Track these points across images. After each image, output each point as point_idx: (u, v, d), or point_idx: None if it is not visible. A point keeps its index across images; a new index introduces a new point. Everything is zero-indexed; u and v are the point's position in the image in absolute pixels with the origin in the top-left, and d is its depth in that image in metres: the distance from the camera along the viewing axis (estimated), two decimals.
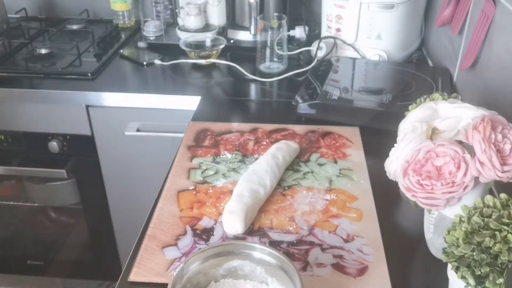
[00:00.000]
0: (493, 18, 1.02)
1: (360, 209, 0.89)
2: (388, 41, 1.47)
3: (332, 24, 1.52)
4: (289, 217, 0.88)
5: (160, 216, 0.88)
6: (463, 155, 0.66)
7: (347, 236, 0.83)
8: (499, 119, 0.68)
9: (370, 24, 1.45)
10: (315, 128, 1.14)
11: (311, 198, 0.92)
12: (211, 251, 0.70)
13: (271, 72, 1.50)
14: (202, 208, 0.90)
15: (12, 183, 1.75)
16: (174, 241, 0.83)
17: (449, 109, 0.73)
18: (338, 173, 0.99)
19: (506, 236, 0.57)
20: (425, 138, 0.71)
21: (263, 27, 1.48)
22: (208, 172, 1.00)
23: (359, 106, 1.22)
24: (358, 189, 0.94)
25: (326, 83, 1.30)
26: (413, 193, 0.68)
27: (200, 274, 0.69)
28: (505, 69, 0.97)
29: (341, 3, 1.46)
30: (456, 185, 0.65)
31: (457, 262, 0.59)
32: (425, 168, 0.67)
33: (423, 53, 1.62)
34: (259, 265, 0.70)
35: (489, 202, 0.62)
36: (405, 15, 1.44)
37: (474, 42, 1.11)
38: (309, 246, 0.81)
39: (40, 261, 1.83)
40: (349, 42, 1.50)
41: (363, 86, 1.32)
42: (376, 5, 1.42)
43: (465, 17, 1.22)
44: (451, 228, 0.62)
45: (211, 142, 1.10)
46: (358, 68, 1.44)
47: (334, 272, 0.76)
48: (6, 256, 1.87)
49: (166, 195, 0.94)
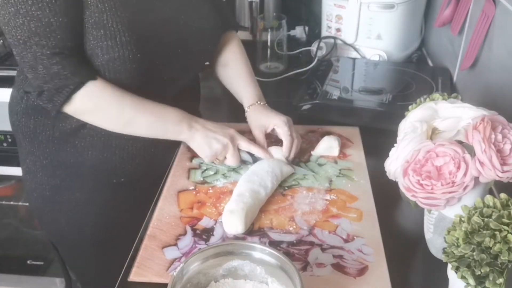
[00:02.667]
0: (493, 18, 1.02)
1: (360, 209, 0.89)
2: (388, 41, 1.47)
3: (332, 24, 1.52)
4: (289, 217, 0.88)
5: (160, 216, 0.88)
6: (463, 155, 0.66)
7: (347, 236, 0.83)
8: (499, 119, 0.68)
9: (370, 24, 1.45)
10: (315, 128, 1.14)
11: (311, 198, 0.92)
12: (211, 251, 0.70)
13: (271, 72, 1.50)
14: (202, 208, 0.90)
15: (12, 183, 1.75)
16: (174, 241, 0.83)
17: (449, 109, 0.73)
18: (338, 173, 0.99)
19: (506, 236, 0.57)
20: (425, 138, 0.71)
21: (263, 27, 1.48)
22: (208, 172, 1.00)
23: (359, 106, 1.22)
24: (358, 189, 0.94)
25: (326, 83, 1.30)
26: (413, 193, 0.68)
27: (200, 274, 0.69)
28: (505, 69, 0.97)
29: (341, 3, 1.46)
30: (456, 185, 0.65)
31: (457, 262, 0.59)
32: (425, 168, 0.67)
33: (423, 53, 1.61)
34: (259, 265, 0.70)
35: (489, 202, 0.62)
36: (405, 15, 1.44)
37: (474, 42, 1.11)
38: (309, 246, 0.81)
39: (40, 261, 1.83)
40: (349, 42, 1.50)
41: (363, 86, 1.32)
42: (376, 5, 1.42)
43: (465, 17, 1.22)
44: (451, 228, 0.62)
45: None
46: (358, 68, 1.44)
47: (334, 272, 0.76)
48: (6, 256, 1.87)
49: (166, 195, 0.94)
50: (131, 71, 0.91)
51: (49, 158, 1.01)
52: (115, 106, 0.91)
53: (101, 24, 0.86)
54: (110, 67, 0.89)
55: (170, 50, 0.96)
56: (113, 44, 0.87)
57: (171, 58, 0.97)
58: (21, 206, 1.80)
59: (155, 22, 0.92)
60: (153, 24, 0.92)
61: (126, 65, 0.89)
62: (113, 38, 0.87)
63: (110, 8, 0.86)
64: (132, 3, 0.88)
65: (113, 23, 0.86)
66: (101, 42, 0.87)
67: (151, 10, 0.91)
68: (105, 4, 0.86)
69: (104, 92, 0.90)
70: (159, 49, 0.94)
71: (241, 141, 0.97)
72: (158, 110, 0.94)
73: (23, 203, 1.78)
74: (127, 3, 0.88)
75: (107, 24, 0.86)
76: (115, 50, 0.87)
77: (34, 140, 1.00)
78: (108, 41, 0.87)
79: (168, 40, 0.95)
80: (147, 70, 0.93)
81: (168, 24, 0.94)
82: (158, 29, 0.93)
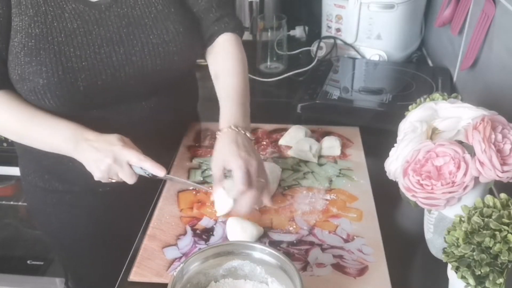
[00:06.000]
0: (493, 18, 1.02)
1: (360, 209, 0.89)
2: (388, 41, 1.47)
3: (332, 24, 1.52)
4: (289, 217, 0.87)
5: (160, 216, 0.88)
6: (463, 155, 0.66)
7: (347, 236, 0.83)
8: (499, 119, 0.68)
9: (370, 24, 1.45)
10: (315, 128, 1.14)
11: (311, 198, 0.92)
12: (211, 251, 0.70)
13: (271, 72, 1.50)
14: (202, 208, 0.90)
15: (12, 183, 1.75)
16: (174, 241, 0.83)
17: (449, 109, 0.73)
18: (338, 173, 0.99)
19: (506, 236, 0.57)
20: (425, 138, 0.71)
21: (263, 27, 1.48)
22: (208, 172, 1.00)
23: (359, 106, 1.22)
24: (358, 189, 0.94)
25: (326, 83, 1.30)
26: (413, 193, 0.68)
27: (200, 274, 0.69)
28: (505, 69, 0.97)
29: (341, 3, 1.46)
30: (456, 185, 0.65)
31: (457, 262, 0.59)
32: (425, 168, 0.67)
33: (423, 53, 1.61)
34: (259, 265, 0.70)
35: (489, 202, 0.62)
36: (405, 15, 1.44)
37: (474, 42, 1.10)
38: (309, 246, 0.81)
39: (40, 261, 1.83)
40: (349, 42, 1.50)
41: (363, 86, 1.32)
42: (376, 5, 1.42)
43: (465, 17, 1.22)
44: (451, 228, 0.62)
45: (211, 142, 1.10)
46: (358, 68, 1.44)
47: (334, 272, 0.76)
48: (6, 256, 1.87)
49: (166, 195, 0.94)
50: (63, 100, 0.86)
51: (37, 162, 1.01)
52: (6, 118, 0.88)
53: (30, 49, 0.83)
54: (37, 94, 0.86)
55: (106, 76, 0.88)
56: (39, 71, 0.83)
57: (109, 85, 0.89)
58: (21, 206, 1.80)
59: (90, 46, 0.86)
60: (87, 49, 0.86)
61: (52, 93, 0.85)
62: (40, 64, 0.83)
63: (41, 32, 0.83)
64: (66, 27, 0.85)
65: (41, 50, 0.83)
66: (28, 68, 0.84)
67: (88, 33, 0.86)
68: (36, 29, 0.83)
69: None
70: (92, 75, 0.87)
71: (131, 157, 0.83)
72: (49, 125, 0.87)
73: (23, 203, 1.78)
74: (60, 28, 0.85)
75: (35, 50, 0.83)
76: (41, 76, 0.84)
77: (23, 145, 0.99)
78: (35, 67, 0.83)
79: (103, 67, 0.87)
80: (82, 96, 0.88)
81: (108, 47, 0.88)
82: (93, 55, 0.86)
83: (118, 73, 0.89)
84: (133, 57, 0.90)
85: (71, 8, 0.87)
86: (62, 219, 1.07)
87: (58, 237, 1.11)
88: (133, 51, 0.90)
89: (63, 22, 0.85)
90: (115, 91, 0.91)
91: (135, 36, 0.90)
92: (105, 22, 0.88)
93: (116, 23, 0.89)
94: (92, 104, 0.91)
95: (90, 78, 0.86)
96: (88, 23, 0.87)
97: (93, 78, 0.87)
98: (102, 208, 1.04)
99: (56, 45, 0.84)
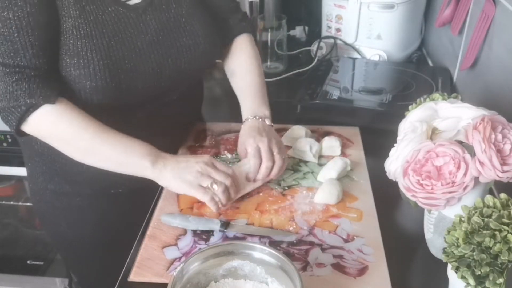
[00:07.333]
0: (493, 18, 1.02)
1: (360, 209, 0.89)
2: (388, 41, 1.47)
3: (332, 24, 1.52)
4: (289, 217, 0.88)
5: (160, 216, 0.88)
6: (463, 155, 0.66)
7: (347, 236, 0.83)
8: (499, 119, 0.68)
9: (370, 24, 1.45)
10: (315, 128, 1.14)
11: (311, 198, 0.92)
12: (211, 251, 0.70)
13: (271, 72, 1.50)
14: (202, 208, 0.90)
15: (12, 183, 1.75)
16: (174, 241, 0.83)
17: (449, 109, 0.73)
18: None
19: (506, 236, 0.57)
20: (425, 138, 0.71)
21: (263, 27, 1.48)
22: None
23: (359, 106, 1.22)
24: (358, 189, 0.94)
25: (326, 83, 1.30)
26: (413, 193, 0.68)
27: (200, 274, 0.69)
28: (505, 69, 0.97)
29: (341, 3, 1.46)
30: (456, 185, 0.65)
31: (457, 262, 0.59)
32: (425, 168, 0.67)
33: (423, 53, 1.61)
34: (259, 265, 0.70)
35: (489, 202, 0.62)
36: (405, 15, 1.44)
37: (474, 42, 1.11)
38: (309, 246, 0.81)
39: (40, 261, 1.83)
40: (349, 42, 1.50)
41: (363, 86, 1.32)
42: (376, 5, 1.42)
43: (465, 17, 1.22)
44: (451, 228, 0.62)
45: (211, 142, 1.10)
46: (358, 68, 1.44)
47: (334, 272, 0.76)
48: (6, 256, 1.87)
49: (166, 195, 0.94)
50: (104, 99, 0.88)
51: (47, 165, 1.00)
52: (71, 133, 0.85)
53: (75, 52, 0.84)
54: (81, 94, 0.87)
55: (146, 77, 0.90)
56: (86, 73, 0.84)
57: (148, 85, 0.92)
58: (21, 206, 1.80)
59: (132, 49, 0.88)
60: (130, 51, 0.87)
61: (99, 94, 0.86)
62: (87, 67, 0.84)
63: (86, 35, 0.84)
64: (109, 29, 0.86)
65: (88, 51, 0.84)
66: (74, 71, 0.84)
67: (129, 35, 0.88)
68: (81, 31, 0.84)
69: (62, 117, 0.84)
70: (134, 77, 0.89)
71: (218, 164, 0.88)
72: (122, 142, 0.86)
73: (23, 203, 1.78)
74: (104, 30, 0.85)
75: (81, 52, 0.84)
76: (88, 79, 0.84)
77: (32, 148, 0.99)
78: (81, 69, 0.84)
79: (144, 68, 0.89)
80: (122, 97, 0.89)
81: (148, 49, 0.90)
82: (135, 57, 0.88)
83: (158, 75, 0.92)
84: (169, 58, 0.93)
85: (112, 11, 0.87)
86: (70, 221, 1.07)
87: (64, 238, 1.11)
88: (170, 52, 0.93)
89: (106, 24, 0.86)
90: (152, 91, 0.94)
91: (171, 38, 0.93)
92: (142, 24, 0.90)
93: (153, 25, 0.91)
94: (126, 106, 0.93)
95: (132, 81, 0.88)
96: (128, 25, 0.89)
97: (135, 81, 0.89)
98: (110, 209, 1.05)
99: (102, 47, 0.85)
